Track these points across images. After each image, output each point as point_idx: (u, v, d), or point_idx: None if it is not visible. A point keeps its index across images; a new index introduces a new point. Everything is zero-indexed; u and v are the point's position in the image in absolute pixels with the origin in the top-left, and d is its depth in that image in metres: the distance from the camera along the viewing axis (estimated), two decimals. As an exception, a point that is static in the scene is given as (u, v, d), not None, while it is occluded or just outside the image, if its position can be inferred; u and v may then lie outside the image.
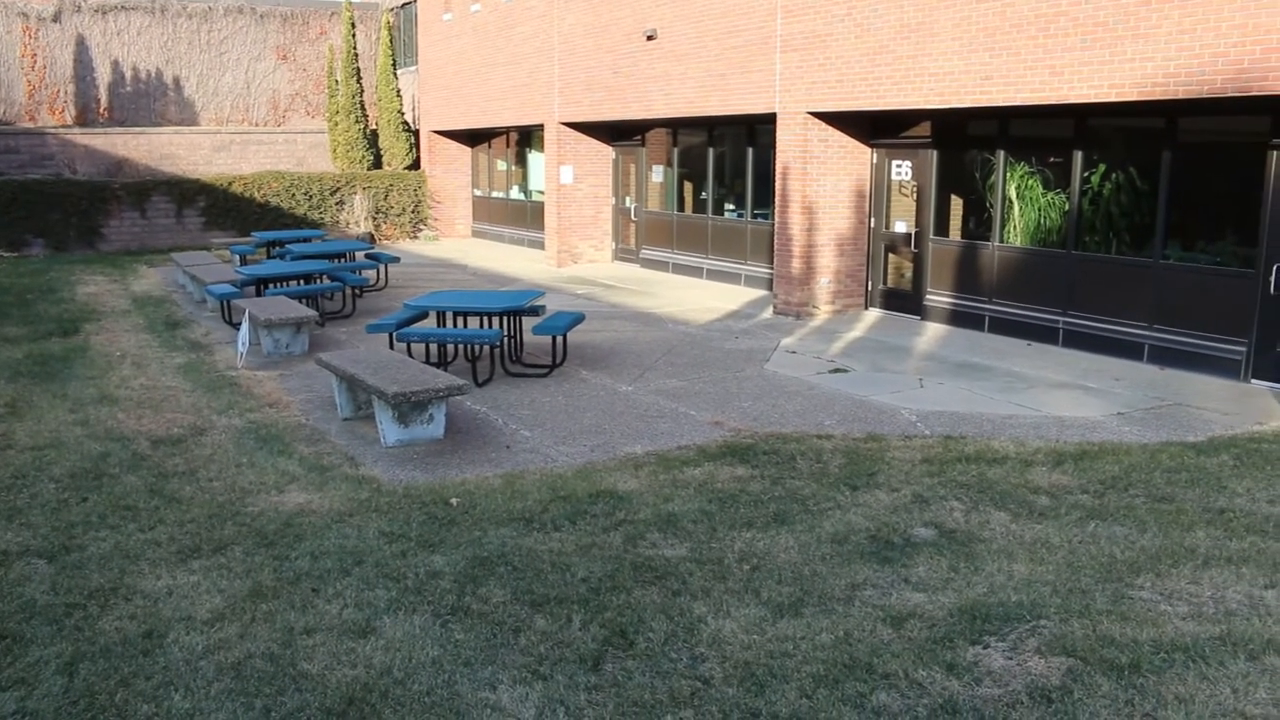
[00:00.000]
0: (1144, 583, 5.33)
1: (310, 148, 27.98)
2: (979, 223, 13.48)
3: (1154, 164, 11.26)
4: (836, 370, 11.20)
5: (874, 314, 14.85)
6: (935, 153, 13.91)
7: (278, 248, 18.53)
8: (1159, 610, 4.98)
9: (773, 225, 15.47)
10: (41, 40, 26.41)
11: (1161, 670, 4.34)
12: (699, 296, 16.62)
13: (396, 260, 18.16)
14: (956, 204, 13.87)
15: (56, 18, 26.48)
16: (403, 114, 26.77)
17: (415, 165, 27.08)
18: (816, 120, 14.25)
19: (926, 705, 4.16)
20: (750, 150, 17.11)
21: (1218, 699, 4.11)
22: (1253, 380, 10.37)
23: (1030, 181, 12.71)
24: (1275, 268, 10.06)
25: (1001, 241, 13.06)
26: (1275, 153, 10.02)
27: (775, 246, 15.10)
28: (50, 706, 4.33)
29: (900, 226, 14.54)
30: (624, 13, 17.93)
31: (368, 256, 17.96)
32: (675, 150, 19.27)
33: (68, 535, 6.30)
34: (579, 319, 11.56)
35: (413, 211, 26.16)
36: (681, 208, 19.25)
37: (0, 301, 15.81)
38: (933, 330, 13.53)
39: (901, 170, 14.43)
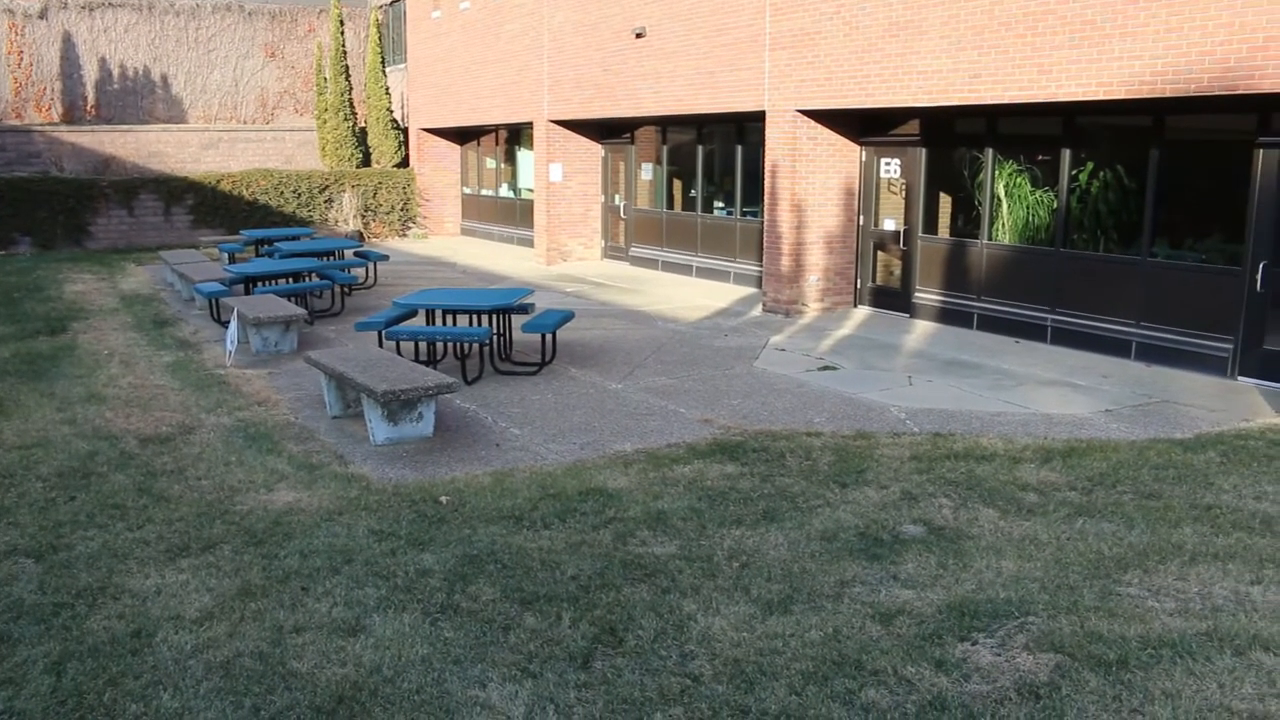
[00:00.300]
0: (1131, 579, 5.36)
1: (299, 145, 27.90)
2: (968, 220, 13.52)
3: (1142, 162, 11.30)
4: (825, 368, 11.22)
5: (863, 311, 14.88)
6: (924, 151, 13.94)
7: (266, 246, 18.47)
8: (1146, 606, 5.00)
9: (762, 223, 15.49)
10: (28, 37, 26.28)
11: (1149, 666, 4.36)
12: (688, 294, 16.63)
13: (385, 258, 18.12)
14: (945, 202, 13.91)
15: (43, 14, 26.35)
16: (391, 112, 26.71)
17: (404, 163, 27.03)
18: (805, 118, 14.26)
19: (915, 702, 4.17)
20: (739, 148, 17.12)
21: (1204, 694, 4.13)
22: (1239, 377, 10.42)
23: (1019, 179, 12.75)
24: (1262, 265, 10.11)
25: (990, 239, 13.10)
26: (1261, 151, 10.07)
27: (764, 244, 15.12)
28: (38, 706, 4.31)
29: (889, 224, 14.57)
30: (613, 10, 17.92)
31: (356, 254, 17.93)
32: (664, 148, 19.27)
33: (55, 534, 6.28)
34: (568, 317, 11.56)
35: (402, 209, 26.11)
36: (671, 205, 19.25)
37: (-13, 300, 15.74)
38: (921, 328, 13.56)
39: (890, 168, 14.46)
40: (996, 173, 12.97)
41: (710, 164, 18.18)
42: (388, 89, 26.52)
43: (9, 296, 16.07)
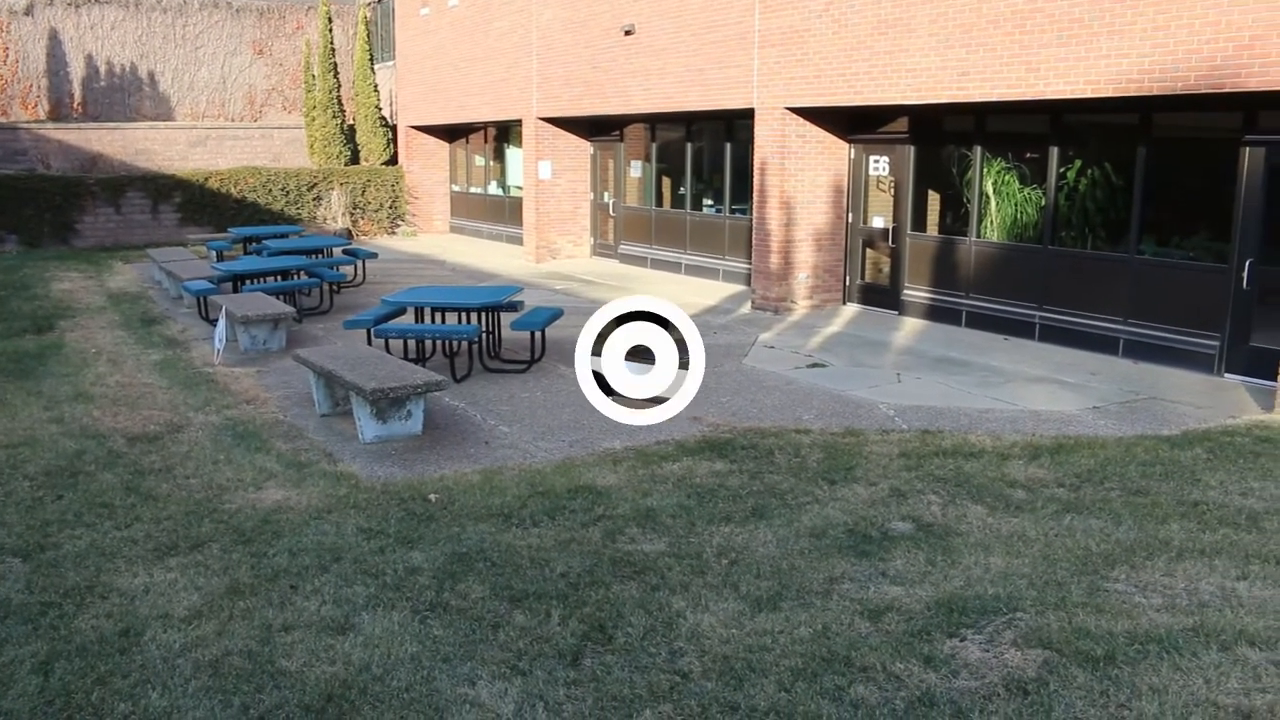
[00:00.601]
0: (1119, 575, 5.38)
1: (287, 143, 27.81)
2: (956, 218, 13.55)
3: (1129, 160, 11.34)
4: (814, 365, 11.24)
5: (852, 309, 14.91)
6: (912, 148, 13.96)
7: (254, 244, 18.42)
8: (1134, 602, 5.02)
9: (751, 220, 15.50)
10: (14, 34, 26.14)
11: (1136, 661, 4.38)
12: (677, 292, 16.62)
13: (374, 256, 18.08)
14: (934, 199, 13.94)
15: (29, 11, 26.21)
16: (380, 109, 26.64)
17: (393, 160, 26.97)
18: (794, 115, 14.28)
19: (904, 698, 4.18)
20: (728, 145, 17.13)
21: (1190, 689, 4.15)
22: (1226, 374, 10.47)
23: (1007, 177, 12.78)
24: (1248, 263, 10.15)
25: (978, 237, 13.13)
26: (1248, 149, 10.11)
27: (753, 242, 15.13)
28: (26, 706, 4.30)
29: (878, 222, 14.59)
30: (603, 7, 17.91)
31: (345, 252, 17.90)
32: (654, 145, 19.26)
33: (43, 533, 6.25)
34: (557, 314, 11.56)
35: (390, 207, 26.06)
36: (660, 203, 19.25)
37: (-27, 298, 15.66)
38: (910, 325, 13.59)
39: (879, 166, 14.48)
40: (985, 170, 13.00)
41: (699, 161, 18.18)
42: (376, 86, 26.45)
43: (-5, 295, 16.00)
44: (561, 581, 5.42)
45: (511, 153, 24.09)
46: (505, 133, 24.26)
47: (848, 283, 15.11)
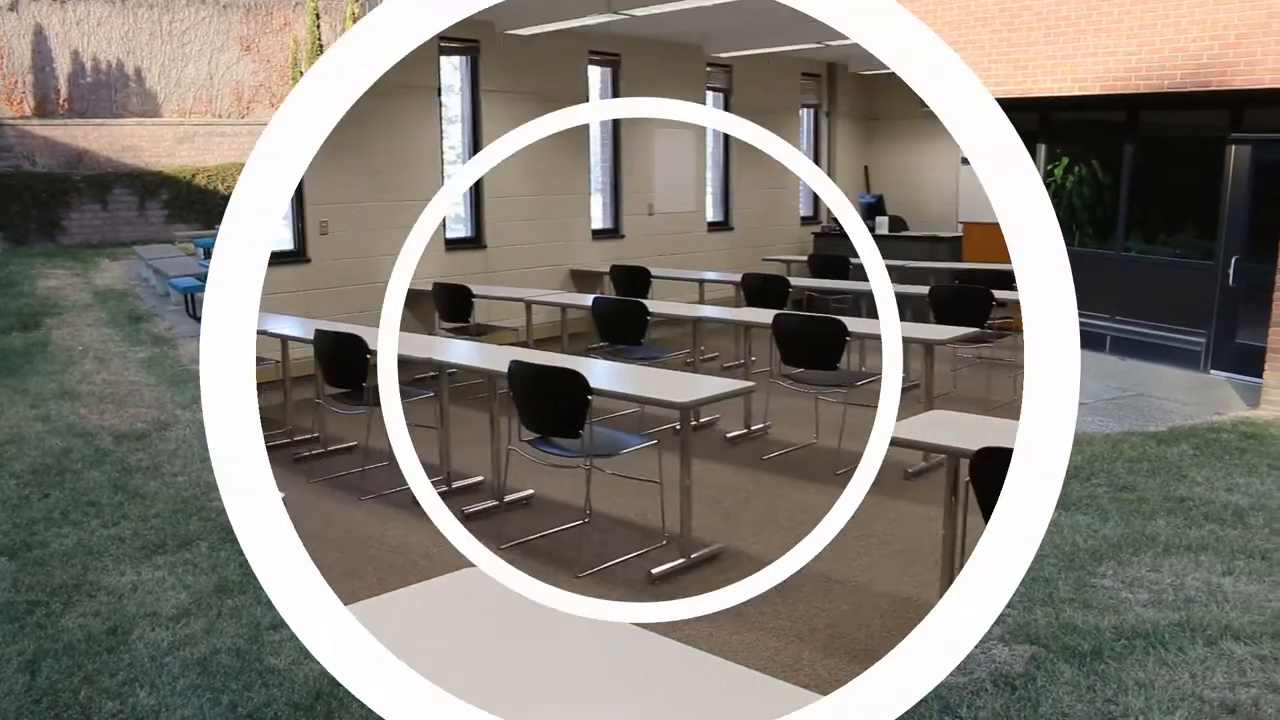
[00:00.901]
0: (1106, 571, 5.41)
1: (275, 140, 27.69)
2: (944, 215, 13.58)
3: (1116, 158, 11.38)
4: (804, 362, 11.24)
5: (841, 306, 14.92)
6: (901, 146, 13.99)
7: (242, 241, 18.32)
8: (1120, 598, 5.05)
9: (740, 218, 15.52)
10: (-1, 30, 25.99)
11: (1122, 657, 4.40)
12: (667, 289, 16.61)
13: (363, 253, 18.00)
14: (922, 197, 13.97)
15: (13, 7, 26.06)
16: (368, 106, 26.55)
17: (381, 157, 26.87)
18: (783, 113, 14.29)
19: (892, 693, 4.19)
20: (717, 143, 17.11)
21: (1176, 684, 4.18)
22: (1212, 371, 10.52)
23: (994, 174, 12.80)
24: (1234, 260, 10.20)
25: (966, 234, 13.17)
26: (1234, 147, 10.16)
27: (743, 239, 15.15)
28: (12, 706, 4.28)
29: (866, 219, 14.61)
30: (591, 5, 17.87)
31: (333, 249, 17.81)
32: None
33: (29, 532, 6.23)
34: (547, 312, 11.52)
35: (379, 204, 25.96)
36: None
37: (-42, 295, 15.57)
38: (899, 322, 13.59)
39: (868, 163, 14.51)
40: (973, 168, 13.02)
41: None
42: (364, 83, 26.36)
43: (-19, 292, 15.91)
44: (551, 579, 5.43)
45: (500, 150, 24.03)
46: (494, 130, 24.20)
47: (836, 280, 15.13)
